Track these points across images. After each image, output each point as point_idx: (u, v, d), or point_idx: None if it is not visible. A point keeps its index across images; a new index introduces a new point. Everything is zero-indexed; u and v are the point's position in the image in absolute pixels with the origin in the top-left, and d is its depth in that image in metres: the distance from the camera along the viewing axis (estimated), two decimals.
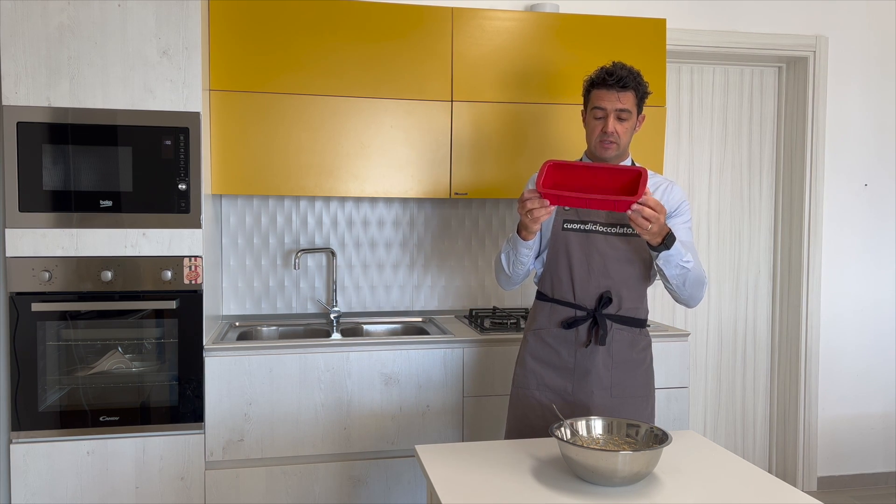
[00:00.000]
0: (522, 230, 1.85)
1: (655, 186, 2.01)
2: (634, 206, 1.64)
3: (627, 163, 2.01)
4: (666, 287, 1.92)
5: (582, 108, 2.04)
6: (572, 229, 1.95)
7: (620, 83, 1.89)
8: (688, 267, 1.83)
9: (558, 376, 1.96)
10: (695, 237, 3.45)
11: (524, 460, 1.58)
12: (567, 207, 1.92)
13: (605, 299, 1.92)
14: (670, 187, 2.02)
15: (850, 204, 3.45)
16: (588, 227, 1.94)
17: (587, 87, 1.98)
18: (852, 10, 3.37)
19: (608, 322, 1.93)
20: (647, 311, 2.01)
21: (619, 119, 1.91)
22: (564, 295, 1.96)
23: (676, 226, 1.98)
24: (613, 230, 1.93)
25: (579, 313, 1.94)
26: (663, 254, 1.78)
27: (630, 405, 1.96)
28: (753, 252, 3.53)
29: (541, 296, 2.03)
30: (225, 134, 2.54)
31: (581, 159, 2.04)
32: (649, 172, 2.04)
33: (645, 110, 2.82)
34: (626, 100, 1.91)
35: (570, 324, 1.93)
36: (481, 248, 3.10)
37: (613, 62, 1.96)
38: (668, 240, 1.75)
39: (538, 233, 2.02)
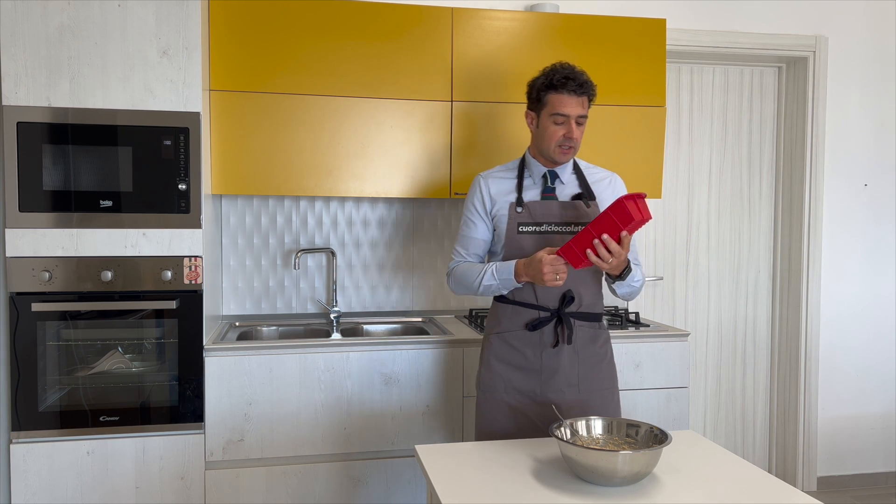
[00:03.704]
0: (527, 278, 1.85)
1: (600, 180, 2.03)
2: (596, 242, 1.70)
3: (571, 161, 1.99)
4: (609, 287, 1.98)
5: (528, 109, 1.98)
6: (528, 231, 1.94)
7: (582, 88, 1.88)
8: (636, 286, 1.93)
9: (525, 378, 1.95)
10: (694, 237, 3.45)
11: (524, 460, 1.58)
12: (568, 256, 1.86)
13: (568, 298, 1.92)
14: (613, 181, 2.05)
15: (850, 204, 3.45)
16: (543, 227, 1.93)
17: (543, 88, 1.91)
18: (852, 10, 3.37)
19: (572, 320, 1.94)
20: (603, 306, 2.03)
21: (578, 124, 1.91)
22: (526, 297, 1.95)
23: None
24: (568, 228, 1.94)
25: (542, 314, 1.93)
26: (621, 280, 1.88)
27: (597, 399, 1.98)
28: (753, 252, 3.53)
29: (501, 298, 2.01)
30: (225, 134, 2.54)
31: (522, 159, 2.02)
32: (590, 166, 2.06)
33: (644, 111, 2.86)
34: (585, 104, 1.91)
35: (534, 325, 1.92)
36: None
37: (563, 63, 1.92)
38: (625, 271, 1.85)
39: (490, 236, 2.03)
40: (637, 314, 2.88)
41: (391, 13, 2.64)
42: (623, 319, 2.87)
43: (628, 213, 1.65)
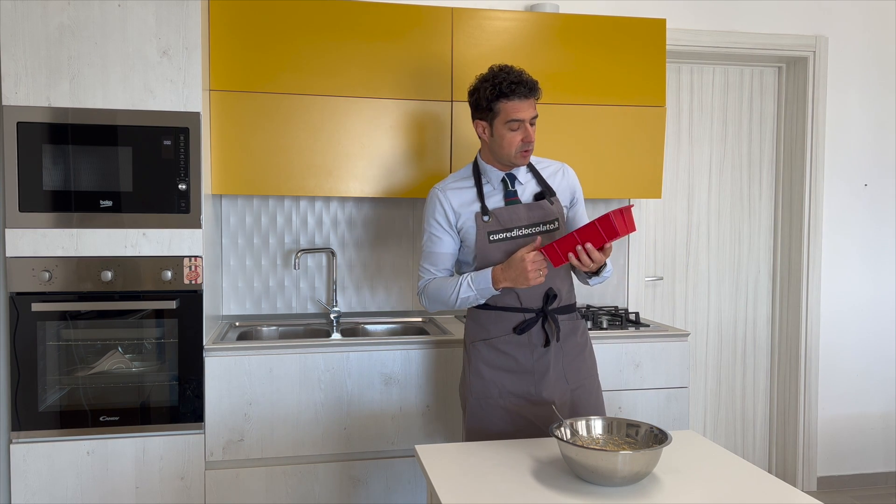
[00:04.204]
0: (507, 283, 1.84)
1: (553, 173, 2.04)
2: (579, 248, 1.75)
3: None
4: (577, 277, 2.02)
5: (478, 119, 1.95)
6: (499, 239, 1.93)
7: (532, 91, 1.87)
8: (608, 276, 1.96)
9: (519, 380, 1.95)
10: (694, 237, 3.45)
11: (524, 460, 1.58)
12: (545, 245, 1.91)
13: (551, 296, 1.93)
14: (565, 171, 2.06)
15: (850, 204, 3.45)
16: (514, 233, 1.93)
17: (492, 97, 1.87)
18: (852, 11, 3.37)
19: (557, 317, 1.95)
20: (575, 296, 2.06)
21: (532, 125, 1.91)
22: (509, 301, 1.94)
23: (580, 212, 2.07)
24: (538, 229, 1.94)
25: (528, 315, 1.94)
26: (597, 276, 1.93)
27: (585, 389, 2.00)
28: (753, 252, 3.53)
29: (482, 304, 1.98)
30: (225, 134, 2.54)
31: (475, 166, 2.01)
32: (540, 160, 2.07)
33: (644, 111, 2.86)
34: (535, 103, 1.91)
35: (522, 328, 1.92)
36: None
37: (502, 67, 1.90)
38: (601, 268, 1.90)
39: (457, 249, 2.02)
40: (637, 314, 2.88)
41: (391, 13, 2.64)
42: (623, 319, 2.86)
43: (614, 229, 1.71)
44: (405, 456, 2.52)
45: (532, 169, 2.02)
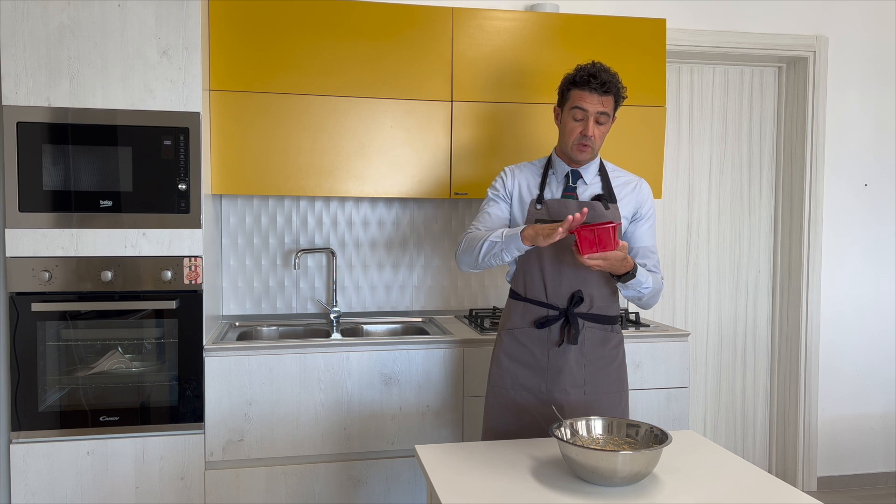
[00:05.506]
0: (529, 239, 1.79)
1: (625, 183, 2.02)
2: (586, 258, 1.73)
3: (596, 163, 2.00)
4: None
5: (556, 105, 2.01)
6: None
7: (604, 87, 1.88)
8: (644, 293, 1.92)
9: (532, 375, 1.96)
10: (694, 237, 3.45)
11: (524, 460, 1.58)
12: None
13: (576, 298, 1.92)
14: (639, 186, 2.03)
15: (850, 204, 3.45)
16: None
17: (567, 84, 1.94)
18: (852, 10, 3.37)
19: (580, 321, 1.93)
20: (618, 309, 2.02)
21: (598, 122, 1.91)
22: (537, 294, 1.96)
23: (642, 230, 2.02)
24: None
25: (551, 312, 1.94)
26: (622, 283, 1.89)
27: (604, 402, 1.97)
28: (753, 252, 3.53)
29: (514, 294, 2.03)
30: (225, 134, 2.54)
31: (549, 158, 2.03)
32: (616, 169, 2.06)
33: (645, 111, 2.86)
34: (608, 103, 1.90)
35: (542, 323, 1.93)
36: None
37: (594, 62, 1.93)
38: (628, 275, 1.84)
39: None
40: (637, 314, 2.88)
41: (391, 13, 2.64)
42: (623, 319, 2.86)
43: (578, 247, 1.70)
44: (405, 456, 2.52)
45: (603, 175, 2.01)
